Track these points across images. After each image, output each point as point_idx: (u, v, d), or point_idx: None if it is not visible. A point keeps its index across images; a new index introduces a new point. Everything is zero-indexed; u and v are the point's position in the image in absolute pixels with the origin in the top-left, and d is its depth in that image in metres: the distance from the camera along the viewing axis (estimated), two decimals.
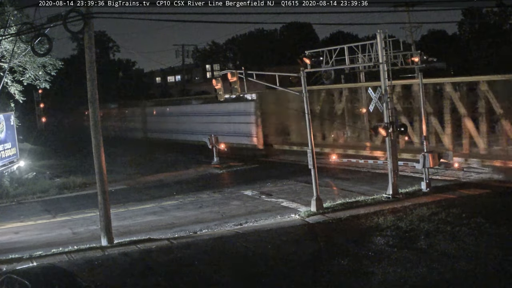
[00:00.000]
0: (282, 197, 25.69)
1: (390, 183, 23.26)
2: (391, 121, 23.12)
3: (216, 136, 37.65)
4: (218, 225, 21.23)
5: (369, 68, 31.50)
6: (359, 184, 27.19)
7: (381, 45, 23.36)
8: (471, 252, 15.64)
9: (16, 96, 31.86)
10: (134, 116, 61.30)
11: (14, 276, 13.01)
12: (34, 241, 20.56)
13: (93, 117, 19.28)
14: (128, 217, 23.78)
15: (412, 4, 39.23)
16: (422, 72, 25.58)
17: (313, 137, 22.55)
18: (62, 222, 23.65)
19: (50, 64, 30.98)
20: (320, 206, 21.95)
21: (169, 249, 18.19)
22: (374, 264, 15.33)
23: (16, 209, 27.14)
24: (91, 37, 18.98)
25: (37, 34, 19.88)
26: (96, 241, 19.42)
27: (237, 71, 23.42)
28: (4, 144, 32.70)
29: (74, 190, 31.04)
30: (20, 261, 17.36)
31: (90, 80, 19.19)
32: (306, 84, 22.74)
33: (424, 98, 25.07)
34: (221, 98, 24.95)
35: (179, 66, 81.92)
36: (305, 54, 23.58)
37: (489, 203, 20.80)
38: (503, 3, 50.86)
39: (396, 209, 20.90)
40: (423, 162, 23.60)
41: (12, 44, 27.39)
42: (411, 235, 17.64)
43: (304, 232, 19.36)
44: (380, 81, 23.62)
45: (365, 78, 35.49)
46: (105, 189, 19.46)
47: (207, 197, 26.94)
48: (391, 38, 25.49)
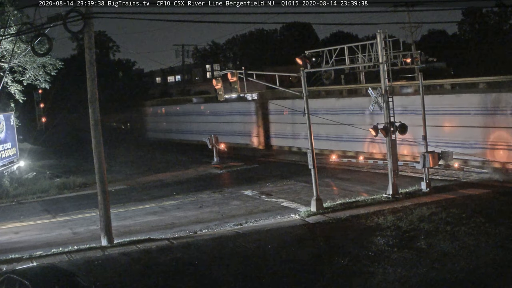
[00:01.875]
0: (282, 197, 25.69)
1: (390, 183, 23.26)
2: (391, 121, 23.13)
3: (216, 136, 37.59)
4: (218, 225, 21.23)
5: (369, 68, 31.53)
6: (359, 184, 27.19)
7: (381, 45, 23.35)
8: (471, 252, 15.63)
9: (16, 96, 31.89)
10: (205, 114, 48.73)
11: (14, 276, 13.01)
12: (34, 241, 20.56)
13: (93, 117, 19.27)
14: (128, 217, 23.79)
15: (412, 4, 39.21)
16: (422, 72, 25.58)
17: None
18: (62, 222, 23.66)
19: (50, 64, 31.03)
20: (320, 206, 21.95)
21: (169, 249, 18.19)
22: (374, 264, 15.33)
23: (16, 209, 27.14)
24: (91, 37, 18.99)
25: (37, 34, 19.89)
26: (96, 241, 19.42)
27: (237, 71, 23.42)
28: (4, 144, 32.72)
29: (74, 190, 31.07)
30: (20, 261, 17.37)
31: (90, 79, 19.20)
32: (306, 84, 22.75)
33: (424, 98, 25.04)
34: (221, 98, 24.98)
35: (179, 66, 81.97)
36: (305, 54, 23.54)
37: (489, 203, 20.79)
38: (503, 3, 50.94)
39: (396, 209, 20.90)
40: (423, 162, 23.60)
41: (12, 44, 27.43)
42: (411, 235, 17.63)
43: (304, 232, 19.36)
44: (380, 81, 23.64)
45: (365, 78, 35.50)
46: (105, 189, 19.45)
47: (207, 197, 26.94)
48: (391, 38, 25.47)
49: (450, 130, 27.60)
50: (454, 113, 27.30)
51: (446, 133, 27.56)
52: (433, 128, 26.84)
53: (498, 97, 25.20)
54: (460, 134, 26.93)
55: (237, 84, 23.27)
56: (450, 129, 27.59)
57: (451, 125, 27.58)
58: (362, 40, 67.93)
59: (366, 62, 25.11)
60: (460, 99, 27.30)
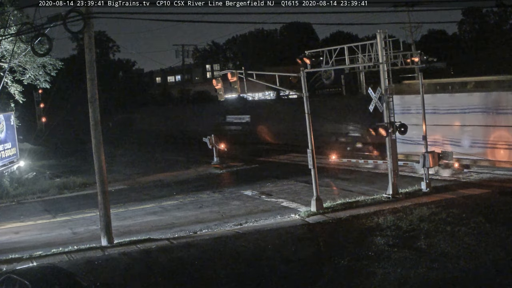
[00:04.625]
0: (282, 197, 25.69)
1: (390, 183, 23.26)
2: (391, 121, 23.13)
3: (216, 136, 37.59)
4: (218, 225, 21.23)
5: (369, 68, 31.48)
6: (359, 184, 27.19)
7: (381, 45, 23.36)
8: (471, 252, 15.64)
9: (16, 96, 31.87)
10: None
11: (14, 276, 13.01)
12: (34, 241, 20.55)
13: (93, 117, 19.26)
14: (128, 217, 23.79)
15: (412, 4, 39.18)
16: (422, 72, 25.57)
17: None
18: (62, 222, 23.65)
19: (50, 64, 31.01)
20: (320, 206, 21.95)
21: (169, 249, 18.18)
22: (374, 264, 15.34)
23: (16, 209, 27.14)
24: (91, 37, 18.98)
25: (37, 34, 19.87)
26: (96, 241, 19.41)
27: (237, 71, 23.41)
28: (4, 144, 32.72)
29: (74, 190, 31.05)
30: (20, 261, 17.36)
31: (90, 80, 19.19)
32: (306, 84, 22.74)
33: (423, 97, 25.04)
34: (221, 98, 24.98)
35: (179, 66, 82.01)
36: (305, 54, 23.54)
37: (489, 203, 20.80)
38: (503, 3, 50.89)
39: (396, 209, 20.90)
40: (423, 162, 23.60)
41: (12, 44, 27.42)
42: (411, 235, 17.64)
43: (304, 232, 19.36)
44: (380, 81, 23.64)
45: (365, 78, 35.49)
46: (105, 189, 19.44)
47: (207, 197, 26.94)
48: (391, 38, 25.41)
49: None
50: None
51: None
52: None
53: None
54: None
55: (237, 84, 23.27)
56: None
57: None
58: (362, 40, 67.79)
59: (366, 62, 25.10)
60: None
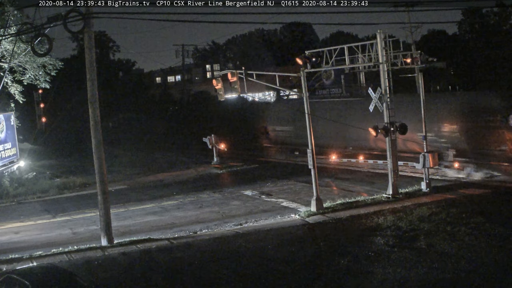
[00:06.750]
0: (282, 197, 25.69)
1: (390, 183, 23.26)
2: (391, 121, 23.12)
3: (216, 136, 37.60)
4: (218, 225, 21.23)
5: (369, 68, 31.47)
6: (359, 184, 27.20)
7: (381, 45, 23.36)
8: (471, 252, 15.63)
9: (16, 96, 31.86)
10: None
11: (14, 276, 12.99)
12: (34, 241, 20.56)
13: (93, 117, 19.27)
14: (128, 217, 23.79)
15: (412, 4, 39.23)
16: (422, 72, 25.56)
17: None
18: (62, 222, 23.65)
19: (50, 64, 30.99)
20: (320, 206, 21.95)
21: (169, 249, 18.19)
22: (374, 264, 15.32)
23: (16, 209, 27.15)
24: (91, 37, 18.98)
25: (37, 34, 19.89)
26: (96, 241, 19.41)
27: (237, 71, 23.42)
28: (4, 144, 32.72)
29: (74, 190, 31.07)
30: (20, 261, 17.37)
31: (90, 80, 19.19)
32: (306, 84, 22.73)
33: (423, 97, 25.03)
34: (221, 98, 24.97)
35: (179, 66, 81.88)
36: (305, 54, 23.53)
37: (489, 203, 20.80)
38: (503, 3, 50.90)
39: (396, 209, 20.90)
40: (423, 162, 23.60)
41: (12, 44, 27.42)
42: (411, 235, 17.63)
43: (304, 232, 19.36)
44: (380, 81, 23.63)
45: (365, 78, 35.46)
46: (105, 189, 19.45)
47: (207, 197, 26.94)
48: (391, 38, 25.43)
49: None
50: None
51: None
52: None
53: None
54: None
55: (237, 84, 23.27)
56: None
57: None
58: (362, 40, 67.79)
59: (366, 62, 25.10)
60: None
